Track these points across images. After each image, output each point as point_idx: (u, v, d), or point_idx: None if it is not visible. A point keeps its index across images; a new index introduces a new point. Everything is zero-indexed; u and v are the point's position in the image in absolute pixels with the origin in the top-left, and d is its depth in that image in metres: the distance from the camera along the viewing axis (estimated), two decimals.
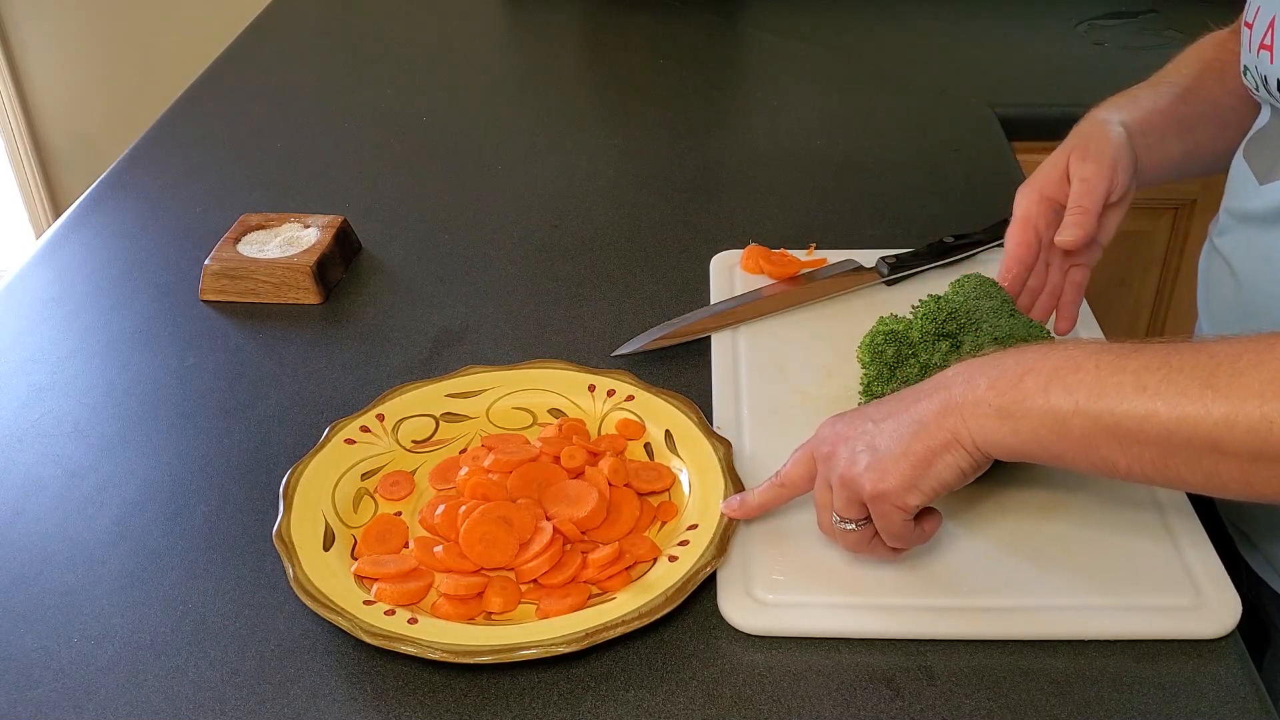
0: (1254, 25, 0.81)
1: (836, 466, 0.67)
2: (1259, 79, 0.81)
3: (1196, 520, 0.74)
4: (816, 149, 1.28)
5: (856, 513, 0.67)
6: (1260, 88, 0.82)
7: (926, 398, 0.65)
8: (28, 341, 0.97)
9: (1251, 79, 0.83)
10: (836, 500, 0.68)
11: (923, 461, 0.64)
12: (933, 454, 0.64)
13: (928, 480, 0.65)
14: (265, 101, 1.43)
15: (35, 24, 2.39)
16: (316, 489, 0.75)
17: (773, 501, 0.72)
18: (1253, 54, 0.81)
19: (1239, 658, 0.66)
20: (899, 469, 0.64)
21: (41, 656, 0.68)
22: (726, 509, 0.73)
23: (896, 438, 0.65)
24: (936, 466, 0.64)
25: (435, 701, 0.65)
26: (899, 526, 0.67)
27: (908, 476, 0.65)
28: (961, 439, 0.64)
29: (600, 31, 1.65)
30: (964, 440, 0.63)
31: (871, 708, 0.64)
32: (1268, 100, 0.83)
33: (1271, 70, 0.79)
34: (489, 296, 1.02)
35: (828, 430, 0.70)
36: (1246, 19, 0.83)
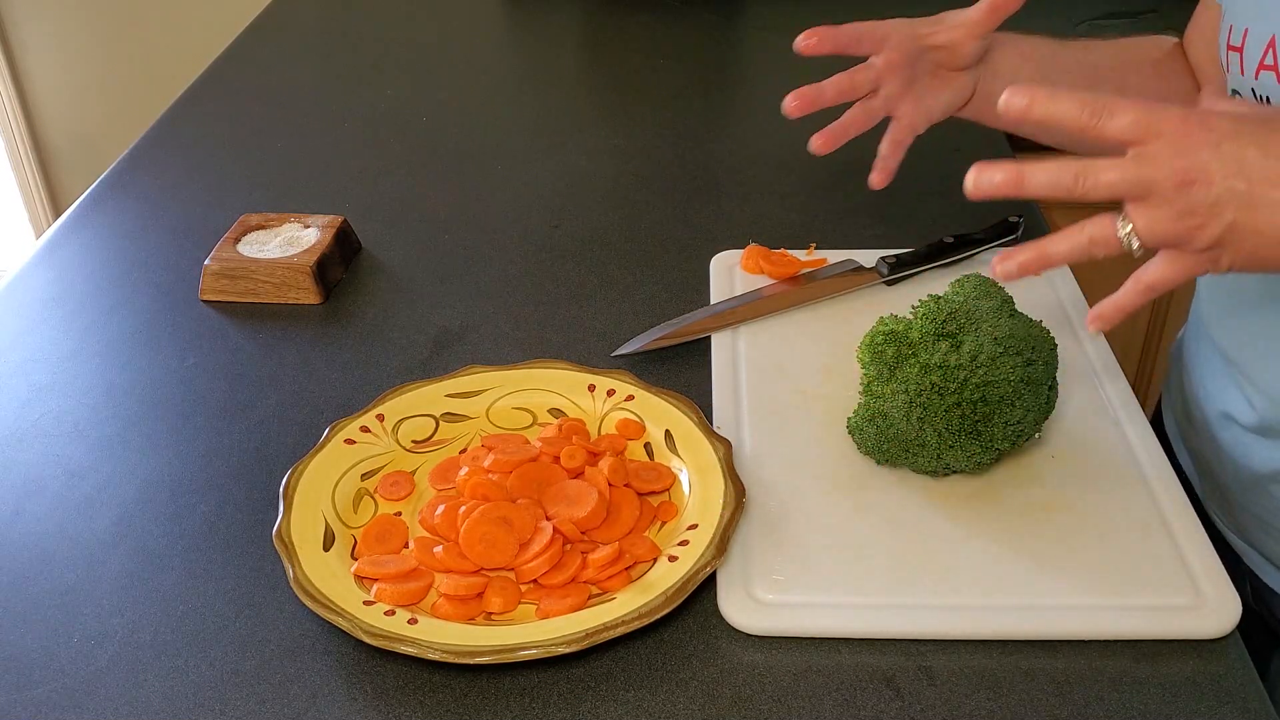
0: (1244, 49, 0.78)
1: (1187, 204, 0.58)
2: (1258, 100, 0.78)
3: (1196, 520, 0.74)
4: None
5: (1155, 246, 0.60)
6: None
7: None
8: (28, 341, 0.97)
9: None
10: (1155, 226, 0.59)
11: (1266, 266, 0.59)
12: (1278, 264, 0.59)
13: (1254, 271, 0.60)
14: (265, 101, 1.43)
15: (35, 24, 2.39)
16: (316, 489, 0.75)
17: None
18: (1247, 78, 0.78)
19: (1239, 658, 0.66)
20: (1238, 260, 0.59)
21: (41, 656, 0.68)
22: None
23: (1259, 233, 0.58)
24: (1273, 269, 0.60)
25: (435, 701, 0.65)
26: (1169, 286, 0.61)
27: (1243, 267, 0.59)
28: None
29: (600, 31, 1.65)
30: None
31: (871, 708, 0.64)
32: None
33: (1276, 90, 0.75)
34: (489, 296, 1.02)
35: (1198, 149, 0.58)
36: (1231, 43, 0.79)
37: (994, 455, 0.75)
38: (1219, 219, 0.58)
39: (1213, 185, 0.58)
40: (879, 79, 0.87)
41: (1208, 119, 0.59)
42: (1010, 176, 0.61)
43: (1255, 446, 0.84)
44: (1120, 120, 0.59)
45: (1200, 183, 0.58)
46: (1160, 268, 0.62)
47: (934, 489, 0.77)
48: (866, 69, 0.87)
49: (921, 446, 0.75)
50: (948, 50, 0.87)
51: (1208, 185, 0.58)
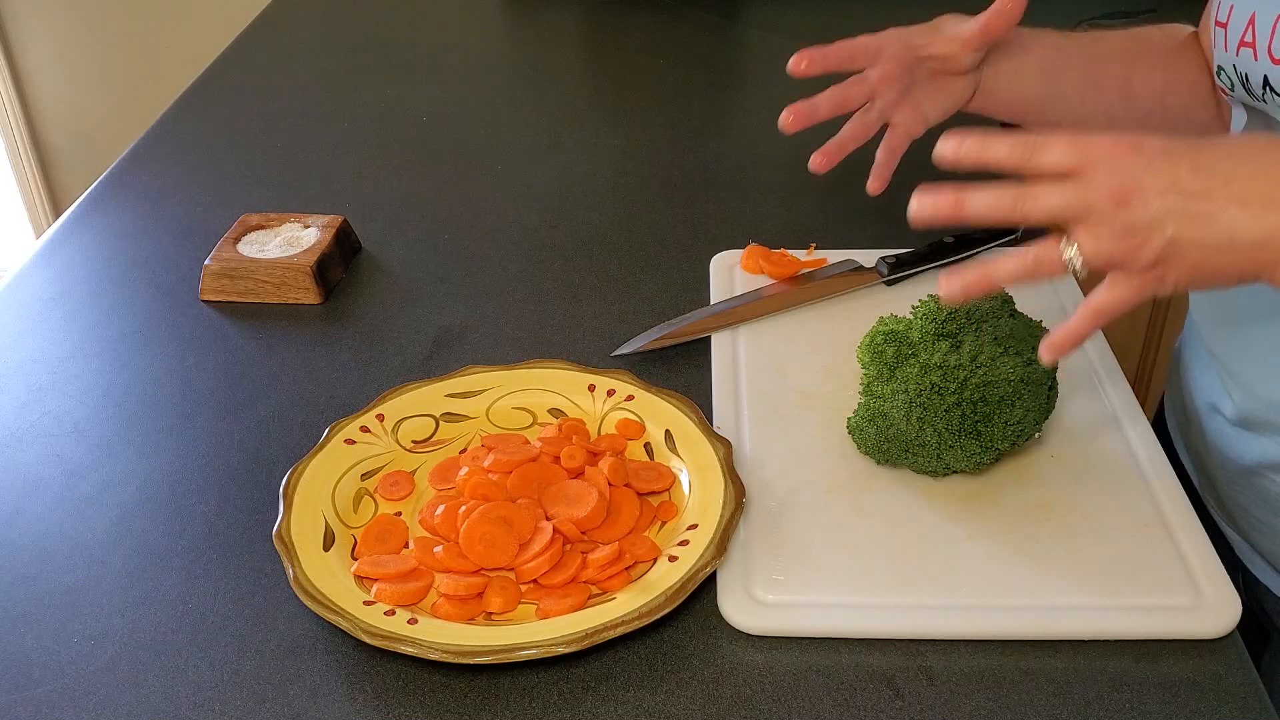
0: (1228, 24, 0.78)
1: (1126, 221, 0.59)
2: (1238, 78, 0.78)
3: (1196, 520, 0.74)
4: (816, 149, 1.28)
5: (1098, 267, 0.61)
6: (1238, 87, 0.79)
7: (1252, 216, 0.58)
8: (28, 341, 0.97)
9: (1227, 79, 0.80)
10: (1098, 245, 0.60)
11: (1210, 278, 0.60)
12: (1224, 278, 0.60)
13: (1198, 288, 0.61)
14: (265, 101, 1.43)
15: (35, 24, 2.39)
16: (316, 489, 0.75)
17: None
18: (1229, 53, 0.78)
19: (1239, 657, 0.66)
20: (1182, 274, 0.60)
21: (41, 656, 0.68)
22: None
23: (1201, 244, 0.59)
24: (1217, 283, 0.61)
25: (435, 701, 0.65)
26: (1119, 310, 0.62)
27: (1185, 282, 0.60)
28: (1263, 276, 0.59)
29: (600, 31, 1.65)
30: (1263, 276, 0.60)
31: (871, 708, 0.64)
32: (1243, 100, 0.80)
33: (1255, 68, 0.75)
34: (489, 296, 1.02)
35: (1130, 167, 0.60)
36: (1218, 18, 0.79)
37: (994, 455, 0.75)
38: (1159, 233, 0.59)
39: (1149, 201, 0.59)
40: (874, 91, 0.88)
41: (1139, 142, 0.61)
42: (949, 201, 0.63)
43: (1238, 439, 0.85)
44: (1053, 153, 0.61)
45: (1136, 199, 0.59)
46: (1108, 291, 0.62)
47: (934, 489, 0.77)
48: (860, 82, 0.88)
49: (921, 446, 0.75)
50: (944, 59, 0.87)
51: (1144, 202, 0.59)
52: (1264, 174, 0.59)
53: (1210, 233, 0.59)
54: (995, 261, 0.63)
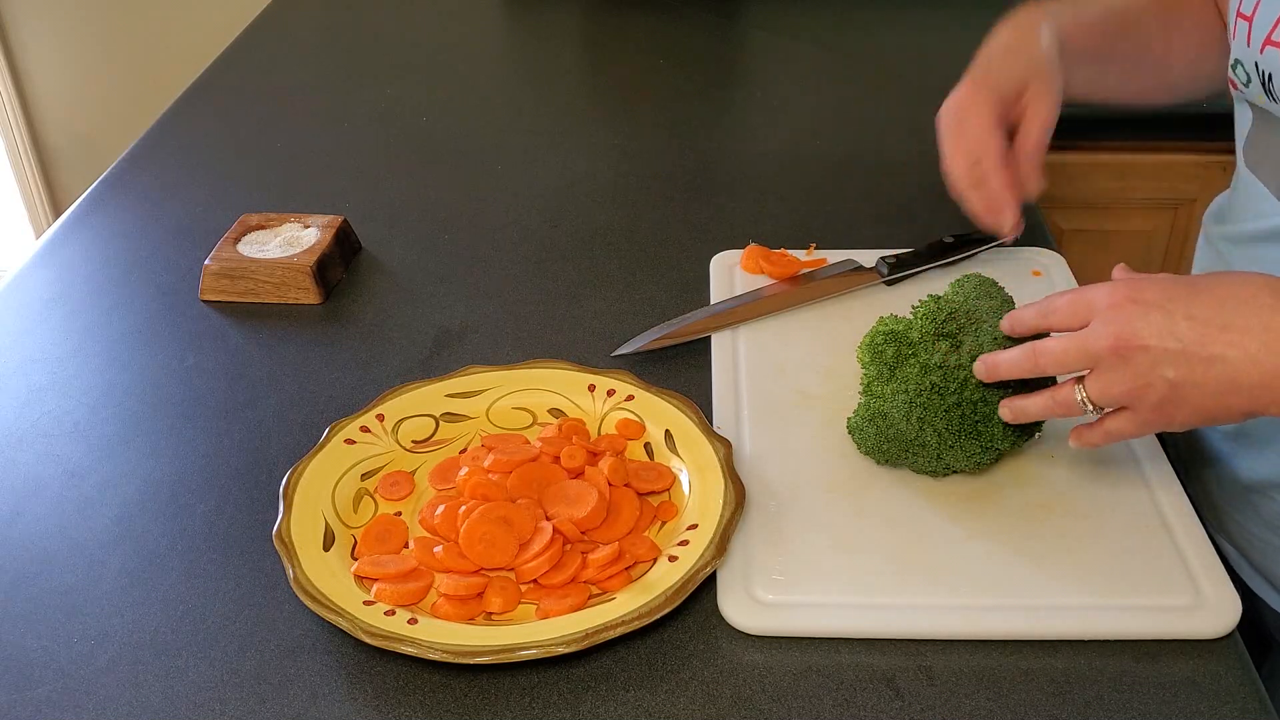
0: (1254, 19, 0.77)
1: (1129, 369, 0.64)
2: (1259, 76, 0.77)
3: (1196, 520, 0.74)
4: (816, 149, 1.28)
5: (1109, 407, 0.67)
6: (1254, 84, 0.78)
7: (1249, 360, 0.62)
8: (28, 341, 0.97)
9: (1244, 74, 0.79)
10: (1106, 391, 0.66)
11: (1214, 418, 0.65)
12: (1229, 417, 0.64)
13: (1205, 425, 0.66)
14: (265, 101, 1.43)
15: (35, 24, 2.39)
16: (316, 489, 0.75)
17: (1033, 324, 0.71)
18: (1252, 49, 0.77)
19: (1239, 658, 0.66)
20: (1189, 416, 0.65)
21: (41, 656, 0.68)
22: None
23: (1201, 387, 0.63)
24: (1221, 421, 0.65)
25: (435, 701, 0.65)
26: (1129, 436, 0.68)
27: (1196, 422, 0.65)
28: (1270, 411, 0.63)
29: (600, 31, 1.65)
30: (1271, 412, 0.63)
31: (871, 708, 0.64)
32: (1255, 98, 0.79)
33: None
34: (489, 296, 1.02)
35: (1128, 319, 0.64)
36: (1242, 11, 0.79)
37: (994, 455, 0.75)
38: (1162, 378, 0.63)
39: (1149, 350, 0.63)
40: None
41: (1136, 292, 0.65)
42: (987, 368, 0.71)
43: (1235, 455, 0.85)
44: (1059, 316, 0.68)
45: (1137, 350, 0.64)
46: (1120, 421, 0.68)
47: (934, 489, 0.77)
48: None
49: (921, 446, 0.75)
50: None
51: (1144, 351, 0.63)
52: (1258, 318, 0.62)
53: (1209, 378, 0.62)
54: (1026, 401, 0.71)
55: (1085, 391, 0.67)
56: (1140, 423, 0.67)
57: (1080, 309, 0.67)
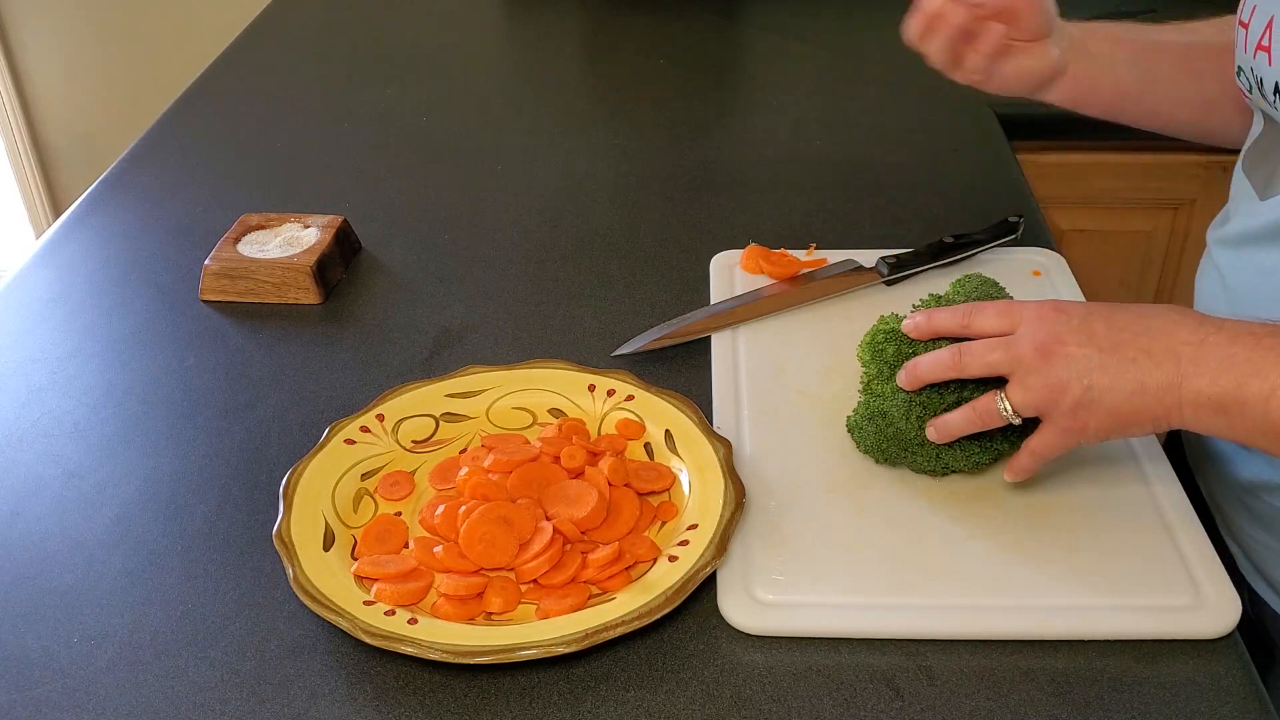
0: (1250, 25, 0.79)
1: (1050, 373, 0.68)
2: (1254, 81, 0.79)
3: (1196, 520, 0.74)
4: (816, 149, 1.28)
5: (1028, 414, 0.70)
6: (1254, 90, 0.80)
7: (1155, 363, 0.66)
8: (28, 341, 0.97)
9: (1245, 80, 0.81)
10: (1027, 395, 0.69)
11: (1126, 425, 0.68)
12: (1139, 423, 0.67)
13: (1117, 434, 0.69)
14: (265, 101, 1.43)
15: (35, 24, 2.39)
16: (316, 489, 0.75)
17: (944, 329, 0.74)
18: (1248, 55, 0.79)
19: (1239, 658, 0.66)
20: (1102, 421, 0.67)
21: (41, 656, 0.68)
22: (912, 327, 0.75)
23: (1114, 390, 0.67)
24: (1133, 431, 0.68)
25: (435, 701, 0.65)
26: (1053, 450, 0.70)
27: (1106, 429, 0.68)
28: (1170, 419, 0.67)
29: (600, 31, 1.65)
30: (1172, 420, 0.67)
31: (871, 708, 0.64)
32: (1259, 106, 0.81)
33: (1270, 73, 0.77)
34: (489, 296, 1.02)
35: (1052, 325, 0.69)
36: (1241, 18, 0.81)
37: (994, 455, 0.75)
38: (1079, 381, 0.67)
39: (1069, 353, 0.67)
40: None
41: (1062, 305, 0.70)
42: (906, 373, 0.74)
43: (1238, 457, 0.85)
44: (986, 317, 0.72)
45: (1058, 352, 0.68)
46: (1041, 436, 0.71)
47: (934, 489, 0.77)
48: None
49: (921, 446, 0.75)
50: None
51: (1065, 354, 0.68)
52: (1165, 330, 0.67)
53: (1122, 380, 0.67)
54: (948, 417, 0.73)
55: (1006, 399, 0.70)
56: (1059, 431, 0.69)
57: (1006, 317, 0.71)
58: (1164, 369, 0.66)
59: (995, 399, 0.70)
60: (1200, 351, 0.66)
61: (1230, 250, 0.85)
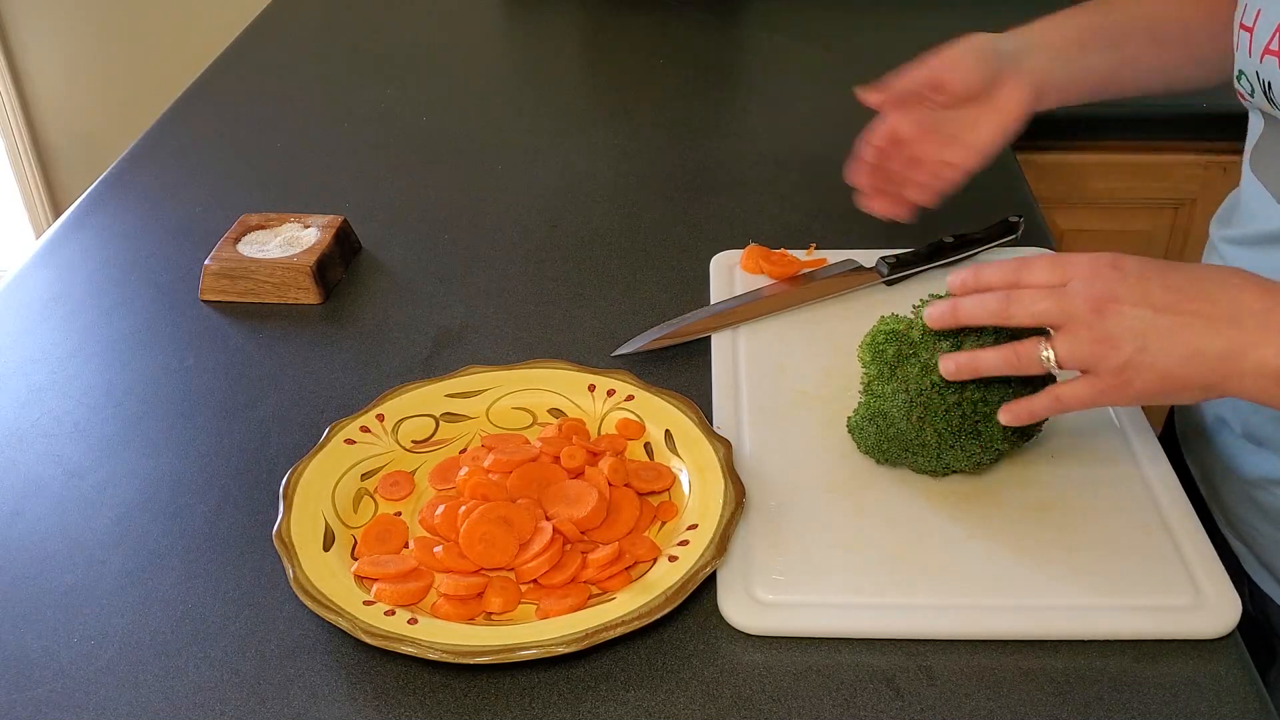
0: (1255, 29, 0.78)
1: (1101, 328, 0.65)
2: (1259, 85, 0.79)
3: (1196, 520, 0.74)
4: (816, 149, 1.28)
5: (1072, 368, 0.66)
6: (1258, 93, 0.79)
7: (1215, 329, 0.63)
8: (28, 341, 0.97)
9: (1248, 84, 0.80)
10: (1074, 347, 0.66)
11: (1175, 390, 0.65)
12: (1188, 389, 0.65)
13: (1161, 399, 0.65)
14: (265, 101, 1.43)
15: (35, 24, 2.39)
16: (316, 489, 0.75)
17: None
18: (1253, 59, 0.79)
19: (1239, 658, 0.66)
20: (1149, 383, 0.64)
21: (41, 656, 0.68)
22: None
23: (1168, 352, 0.64)
24: (1180, 397, 0.65)
25: (435, 701, 0.65)
26: (1080, 405, 0.67)
27: (1152, 393, 0.65)
28: (1226, 387, 0.64)
29: (600, 31, 1.65)
30: (1228, 388, 0.64)
31: (871, 708, 0.64)
32: (1262, 107, 0.80)
33: (1278, 76, 0.76)
34: (489, 296, 1.02)
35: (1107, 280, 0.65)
36: (1244, 22, 0.80)
37: (994, 455, 0.75)
38: (1131, 342, 0.64)
39: (1123, 312, 0.64)
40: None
41: (1118, 260, 0.67)
42: (946, 310, 0.70)
43: (1244, 453, 0.85)
44: (1038, 270, 0.68)
45: (1112, 310, 0.65)
46: (1074, 386, 0.68)
47: (934, 489, 0.77)
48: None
49: (921, 446, 0.75)
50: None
51: (1118, 312, 0.64)
52: (1227, 295, 0.64)
53: (1177, 344, 0.64)
54: (984, 351, 0.70)
55: (1052, 349, 0.67)
56: (1098, 390, 0.66)
57: (1059, 268, 0.67)
58: (1224, 336, 0.63)
59: (1038, 345, 0.67)
60: (1267, 320, 0.63)
61: (1246, 250, 0.85)
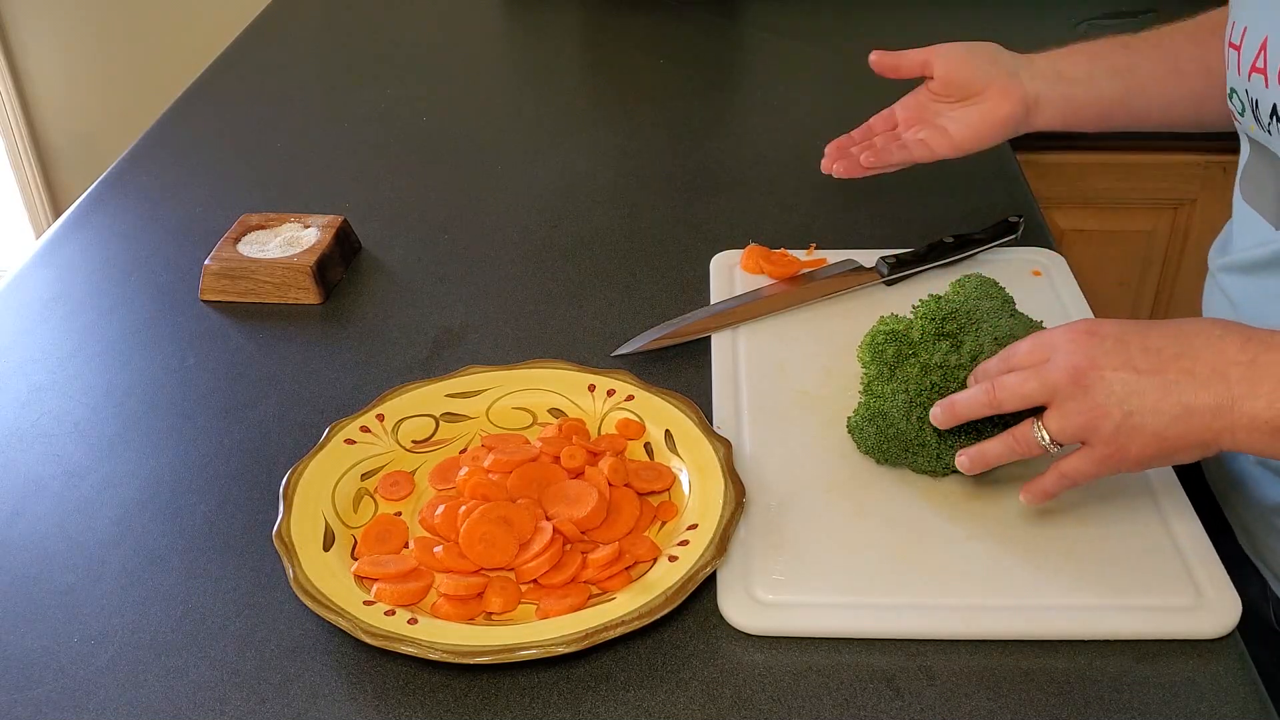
0: (1241, 47, 0.78)
1: (1087, 398, 0.64)
2: (1248, 103, 0.78)
3: (1196, 520, 0.74)
4: (816, 149, 1.28)
5: (1067, 442, 0.67)
6: (1247, 112, 0.79)
7: (1201, 385, 0.63)
8: (28, 341, 0.97)
9: (1239, 103, 0.80)
10: (1064, 422, 0.66)
11: (1172, 451, 0.64)
12: (1185, 448, 0.64)
13: (1161, 461, 0.65)
14: (265, 101, 1.43)
15: (35, 24, 2.39)
16: (316, 489, 0.75)
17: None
18: (1242, 77, 0.78)
19: (1239, 658, 0.66)
20: (1145, 446, 0.64)
21: (41, 656, 0.68)
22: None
23: (1157, 413, 0.63)
24: (1179, 457, 0.65)
25: (435, 701, 0.65)
26: (1084, 477, 0.67)
27: (1149, 457, 0.64)
28: (1221, 442, 0.63)
29: (600, 31, 1.65)
30: (1223, 443, 0.63)
31: (871, 708, 0.64)
32: (1248, 132, 0.80)
33: (1266, 95, 0.75)
34: (489, 296, 1.02)
35: (1085, 348, 0.65)
36: (1231, 40, 0.80)
37: None
38: (1119, 407, 0.64)
39: (1105, 378, 0.64)
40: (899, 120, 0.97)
41: (1094, 326, 0.67)
42: (945, 409, 0.71)
43: (1261, 479, 0.84)
44: (1020, 352, 0.69)
45: (1093, 377, 0.65)
46: (1075, 460, 0.68)
47: (934, 489, 0.77)
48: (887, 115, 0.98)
49: (921, 446, 0.75)
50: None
51: (1100, 379, 0.64)
52: (1209, 348, 0.64)
53: (1165, 404, 0.63)
54: (984, 446, 0.71)
55: (1044, 427, 0.67)
56: (1097, 459, 0.66)
57: (1040, 348, 0.68)
58: (1211, 390, 0.63)
59: (1032, 427, 0.68)
60: (1252, 371, 0.62)
61: (1243, 276, 0.85)
